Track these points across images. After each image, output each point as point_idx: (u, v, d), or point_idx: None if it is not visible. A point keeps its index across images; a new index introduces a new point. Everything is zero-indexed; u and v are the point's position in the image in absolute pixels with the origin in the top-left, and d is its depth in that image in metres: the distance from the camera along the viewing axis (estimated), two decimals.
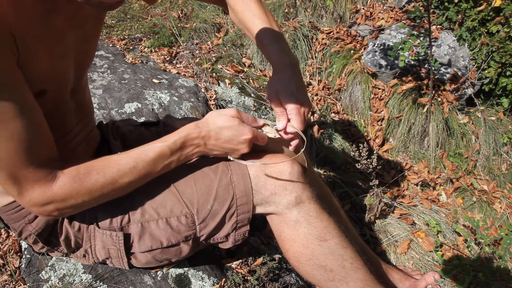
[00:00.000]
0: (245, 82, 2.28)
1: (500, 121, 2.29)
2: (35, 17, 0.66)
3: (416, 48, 2.22)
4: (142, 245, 0.89)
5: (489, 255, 1.61)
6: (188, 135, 0.81)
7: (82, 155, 0.94)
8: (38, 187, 0.70)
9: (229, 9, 1.06)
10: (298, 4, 2.75)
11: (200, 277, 1.08)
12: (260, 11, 0.99)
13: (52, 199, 0.72)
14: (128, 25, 2.62)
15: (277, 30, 0.98)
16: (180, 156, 0.82)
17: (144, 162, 0.79)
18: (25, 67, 0.65)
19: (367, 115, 2.36)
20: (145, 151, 0.79)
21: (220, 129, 0.82)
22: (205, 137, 0.82)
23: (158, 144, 0.80)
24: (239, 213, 0.90)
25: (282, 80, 0.90)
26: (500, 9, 2.11)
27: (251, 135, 0.83)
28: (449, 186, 2.08)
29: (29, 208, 0.74)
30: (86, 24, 0.81)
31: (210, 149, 0.85)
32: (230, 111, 0.84)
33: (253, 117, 0.89)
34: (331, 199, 1.28)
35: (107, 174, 0.76)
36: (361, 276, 0.93)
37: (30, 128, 0.66)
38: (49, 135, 0.72)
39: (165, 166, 0.81)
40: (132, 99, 1.73)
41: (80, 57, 0.82)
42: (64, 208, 0.75)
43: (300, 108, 0.88)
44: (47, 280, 0.99)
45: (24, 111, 0.64)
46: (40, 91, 0.72)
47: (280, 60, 0.93)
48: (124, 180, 0.78)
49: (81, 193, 0.74)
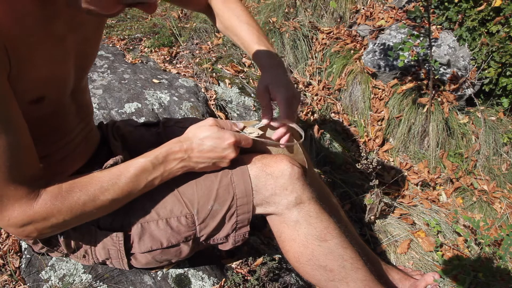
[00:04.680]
0: (245, 82, 2.28)
1: (500, 121, 2.29)
2: (34, 24, 0.65)
3: (416, 48, 2.22)
4: (142, 246, 0.89)
5: (489, 255, 1.61)
6: (170, 149, 0.81)
7: (81, 156, 0.94)
8: (18, 206, 0.68)
9: (215, 17, 1.10)
10: (298, 4, 2.75)
11: (200, 277, 1.08)
12: (246, 16, 1.04)
13: (32, 219, 0.70)
14: (128, 25, 2.62)
15: (263, 34, 1.03)
16: (164, 171, 0.81)
17: (126, 178, 0.77)
18: (19, 77, 0.64)
19: (367, 115, 2.36)
20: (127, 167, 0.78)
21: (201, 140, 0.82)
22: (188, 150, 0.82)
23: (141, 159, 0.79)
24: (239, 214, 0.90)
25: (273, 75, 0.93)
26: (500, 9, 2.11)
27: (233, 138, 0.83)
28: (449, 186, 2.08)
29: (6, 228, 0.71)
30: (86, 27, 0.80)
31: (195, 162, 0.84)
32: (207, 121, 0.85)
33: (231, 122, 0.90)
34: (331, 199, 1.28)
35: (89, 191, 0.74)
36: (361, 276, 0.93)
37: (14, 145, 0.64)
38: (33, 152, 0.71)
39: (148, 182, 0.80)
40: (132, 99, 1.73)
41: (80, 60, 0.82)
42: (44, 228, 0.73)
43: (290, 98, 0.90)
44: (47, 280, 0.99)
45: (9, 128, 0.63)
46: (39, 97, 0.72)
47: (271, 61, 0.97)
48: (106, 197, 0.76)
49: (63, 211, 0.72)
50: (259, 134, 0.90)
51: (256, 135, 0.90)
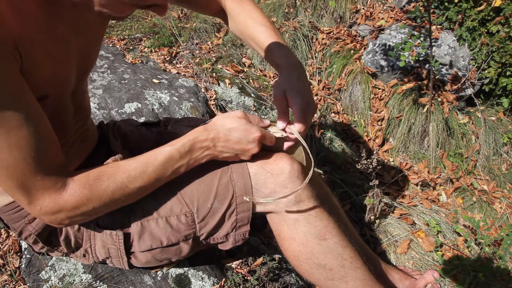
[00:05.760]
0: (245, 82, 2.28)
1: (500, 121, 2.29)
2: (38, 26, 0.66)
3: (416, 48, 2.22)
4: (142, 244, 0.90)
5: (489, 255, 1.61)
6: (197, 137, 0.81)
7: (76, 155, 0.94)
8: (48, 195, 0.69)
9: (229, 19, 1.08)
10: (298, 4, 2.75)
11: (200, 277, 1.08)
12: (263, 19, 1.02)
13: (63, 207, 0.71)
14: (128, 25, 2.62)
15: (280, 36, 1.00)
16: (190, 159, 0.82)
17: (154, 166, 0.78)
18: (27, 74, 0.65)
19: (367, 115, 2.36)
20: (154, 155, 0.79)
21: (228, 131, 0.83)
22: (215, 139, 0.82)
23: (167, 148, 0.80)
24: (239, 212, 0.90)
25: (290, 79, 0.91)
26: (500, 9, 2.11)
27: (260, 133, 0.83)
28: (449, 186, 2.08)
29: (40, 217, 0.73)
30: (90, 29, 0.81)
31: (220, 151, 0.84)
32: (237, 113, 0.85)
33: (259, 118, 0.89)
34: (331, 199, 1.28)
35: (117, 180, 0.75)
36: (360, 275, 0.93)
37: (36, 135, 0.65)
38: (56, 141, 0.72)
39: (174, 170, 0.81)
40: (132, 99, 1.73)
41: (82, 61, 0.82)
42: (75, 216, 0.74)
43: (306, 108, 0.89)
44: (47, 280, 0.99)
45: (29, 119, 0.64)
46: (42, 96, 0.72)
47: (290, 62, 0.94)
48: (134, 185, 0.77)
49: (92, 200, 0.73)
50: (282, 135, 0.90)
51: (280, 135, 0.90)
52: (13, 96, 0.61)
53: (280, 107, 0.91)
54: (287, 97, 0.90)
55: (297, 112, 0.88)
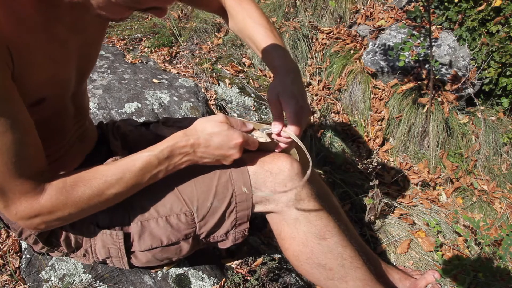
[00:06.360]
0: (245, 82, 2.28)
1: (500, 121, 2.29)
2: (35, 27, 0.65)
3: (416, 48, 2.22)
4: (142, 244, 0.90)
5: (489, 255, 1.61)
6: (176, 143, 0.80)
7: (76, 155, 0.94)
8: (25, 200, 0.69)
9: (229, 18, 1.07)
10: (298, 4, 2.75)
11: (200, 277, 1.08)
12: (262, 19, 1.01)
13: (39, 212, 0.71)
14: (128, 25, 2.62)
15: (279, 37, 0.98)
16: (169, 165, 0.81)
17: (131, 172, 0.77)
18: (22, 78, 0.65)
19: (367, 115, 2.36)
20: (132, 161, 0.78)
21: (209, 136, 0.81)
22: (194, 145, 0.81)
23: (145, 153, 0.79)
24: (239, 210, 0.90)
25: (284, 82, 0.89)
26: (500, 9, 2.11)
27: (242, 139, 0.82)
28: (449, 186, 2.08)
29: (16, 221, 0.73)
30: (89, 30, 0.81)
31: (200, 157, 0.83)
32: (218, 117, 0.83)
33: (242, 122, 0.88)
34: (330, 199, 1.28)
35: (94, 186, 0.75)
36: (360, 275, 0.93)
37: (20, 142, 0.65)
38: (39, 147, 0.71)
39: (152, 176, 0.80)
40: (132, 99, 1.73)
41: (82, 62, 0.82)
42: (51, 221, 0.74)
43: (300, 111, 0.87)
44: (47, 280, 0.99)
45: (16, 126, 0.64)
46: (40, 98, 0.72)
47: (285, 64, 0.93)
48: (111, 191, 0.76)
49: (68, 205, 0.73)
50: (266, 140, 0.88)
51: (264, 140, 0.88)
52: (2, 102, 0.61)
53: (274, 110, 0.90)
54: (280, 100, 0.88)
55: (290, 115, 0.87)
